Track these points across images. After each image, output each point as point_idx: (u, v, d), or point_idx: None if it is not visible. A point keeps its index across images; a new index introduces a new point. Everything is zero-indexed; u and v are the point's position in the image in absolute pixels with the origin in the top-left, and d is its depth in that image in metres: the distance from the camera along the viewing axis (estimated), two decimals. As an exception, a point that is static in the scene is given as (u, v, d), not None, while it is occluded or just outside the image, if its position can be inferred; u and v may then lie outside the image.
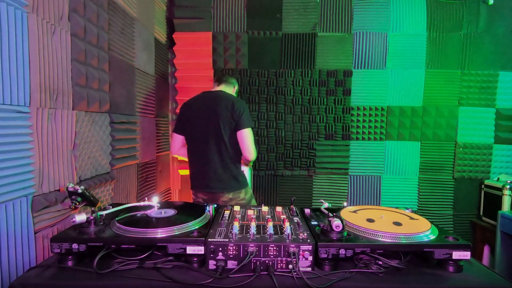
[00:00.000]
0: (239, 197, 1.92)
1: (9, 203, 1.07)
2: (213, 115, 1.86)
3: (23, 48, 1.12)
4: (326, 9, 2.75)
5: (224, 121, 1.84)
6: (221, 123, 1.84)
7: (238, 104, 1.86)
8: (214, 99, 1.90)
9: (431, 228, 1.06)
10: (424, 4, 2.72)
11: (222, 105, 1.86)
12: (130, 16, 2.04)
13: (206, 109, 1.89)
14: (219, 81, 2.05)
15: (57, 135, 1.30)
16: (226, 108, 1.84)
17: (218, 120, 1.84)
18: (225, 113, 1.84)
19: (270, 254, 0.94)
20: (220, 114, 1.84)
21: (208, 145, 1.88)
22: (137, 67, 2.16)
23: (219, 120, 1.84)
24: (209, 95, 1.96)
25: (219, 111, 1.85)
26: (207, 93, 1.98)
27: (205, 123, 1.88)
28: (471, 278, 0.95)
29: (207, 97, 1.95)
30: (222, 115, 1.84)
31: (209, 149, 1.88)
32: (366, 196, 2.84)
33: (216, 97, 1.92)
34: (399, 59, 2.75)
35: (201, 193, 1.95)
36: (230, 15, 2.76)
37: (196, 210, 1.19)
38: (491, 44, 2.72)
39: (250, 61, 2.79)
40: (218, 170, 1.88)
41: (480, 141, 2.77)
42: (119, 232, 1.01)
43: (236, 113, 1.83)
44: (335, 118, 2.80)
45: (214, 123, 1.85)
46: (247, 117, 1.86)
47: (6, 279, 1.05)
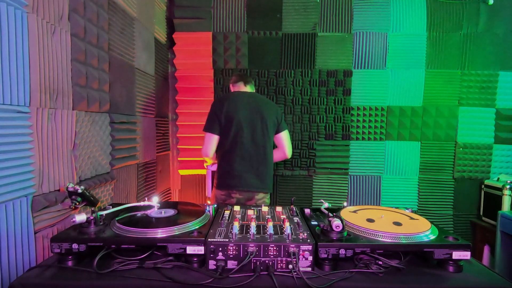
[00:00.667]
0: (266, 197, 2.02)
1: (9, 203, 1.07)
2: (261, 118, 1.95)
3: (23, 48, 1.12)
4: (326, 9, 2.75)
5: (271, 124, 1.97)
6: (269, 125, 1.96)
7: (280, 110, 2.08)
8: (260, 103, 2.00)
9: (431, 228, 1.06)
10: (424, 4, 2.72)
11: (270, 110, 1.99)
12: (130, 16, 2.04)
13: (252, 110, 1.95)
14: (245, 81, 2.10)
15: (57, 135, 1.30)
16: (272, 112, 1.99)
17: (266, 123, 1.95)
18: (273, 118, 1.98)
19: (270, 254, 0.94)
20: (267, 117, 1.96)
21: (254, 146, 1.94)
22: (137, 67, 2.16)
23: (268, 122, 1.95)
24: (250, 97, 2.01)
25: (267, 114, 1.96)
26: (245, 94, 2.02)
27: (253, 125, 1.94)
28: (471, 278, 0.95)
29: (249, 99, 1.99)
30: (269, 118, 1.96)
31: (254, 151, 1.94)
32: (366, 196, 2.84)
33: (261, 100, 2.03)
34: (399, 59, 2.75)
35: (237, 192, 1.93)
36: (230, 15, 2.76)
37: (196, 210, 1.20)
38: (491, 44, 2.72)
39: (250, 61, 2.79)
40: (260, 170, 1.95)
41: (480, 141, 2.77)
42: (119, 232, 1.01)
43: (279, 117, 2.03)
44: (335, 118, 2.80)
45: (263, 125, 1.95)
46: (284, 120, 2.11)
47: (6, 279, 1.05)
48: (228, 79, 2.78)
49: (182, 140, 2.85)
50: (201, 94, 2.81)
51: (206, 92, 2.81)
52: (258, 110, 1.95)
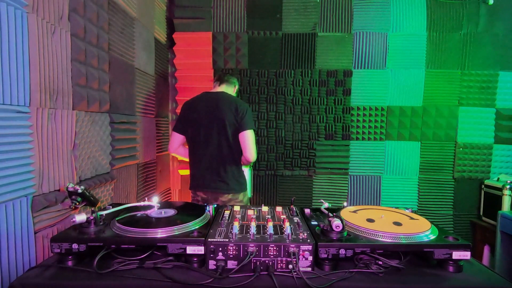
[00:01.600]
0: (237, 198, 1.95)
1: (9, 203, 1.07)
2: (217, 117, 1.87)
3: (23, 48, 1.12)
4: (326, 9, 2.75)
5: (228, 122, 1.87)
6: (225, 124, 1.86)
7: (241, 106, 1.89)
8: (217, 101, 1.91)
9: (431, 228, 1.06)
10: (424, 4, 2.72)
11: (225, 106, 1.88)
12: (130, 16, 2.04)
13: (209, 110, 1.90)
14: (220, 80, 2.05)
15: (57, 135, 1.30)
16: (229, 110, 1.87)
17: (221, 122, 1.87)
18: (229, 115, 1.86)
19: (270, 254, 0.94)
20: (224, 116, 1.86)
21: (211, 146, 1.90)
22: (137, 67, 2.16)
23: (223, 121, 1.86)
24: (211, 96, 1.96)
25: (223, 112, 1.87)
26: (209, 94, 1.99)
27: (209, 124, 1.89)
28: (471, 278, 0.95)
29: (209, 98, 1.95)
30: (226, 117, 1.86)
31: (212, 150, 1.90)
32: (366, 196, 2.84)
33: (219, 98, 1.93)
34: (399, 59, 2.75)
35: (201, 192, 1.97)
36: (230, 15, 2.76)
37: (196, 210, 1.20)
38: (491, 44, 2.72)
39: (250, 61, 2.79)
40: (220, 171, 1.90)
41: (480, 141, 2.77)
42: (119, 232, 1.01)
43: (239, 115, 1.86)
44: (335, 118, 2.80)
45: (218, 124, 1.87)
46: (249, 118, 1.89)
47: (6, 279, 1.05)
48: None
49: (182, 140, 2.85)
50: (201, 94, 2.80)
51: (206, 92, 2.81)
52: (215, 110, 1.88)
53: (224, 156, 1.90)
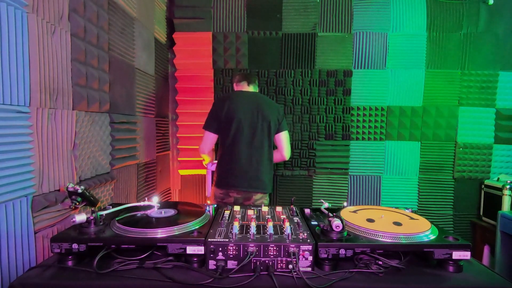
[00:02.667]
0: (266, 197, 2.01)
1: (9, 203, 1.07)
2: (263, 117, 1.94)
3: (23, 48, 1.12)
4: (326, 9, 2.75)
5: (273, 123, 1.96)
6: (270, 125, 1.94)
7: (281, 109, 2.08)
8: (260, 101, 1.98)
9: (431, 228, 1.06)
10: (424, 4, 2.72)
11: (270, 108, 1.97)
12: (130, 16, 2.04)
13: (252, 109, 1.93)
14: (249, 80, 2.08)
15: (57, 135, 1.30)
16: (273, 112, 1.97)
17: (267, 122, 1.94)
18: (274, 117, 1.96)
19: (270, 254, 0.94)
20: (270, 117, 1.95)
21: (254, 146, 1.93)
22: (137, 67, 2.16)
23: (269, 122, 1.94)
24: (250, 96, 2.01)
25: (269, 114, 1.95)
26: (246, 93, 2.02)
27: (253, 123, 1.93)
28: (471, 278, 0.95)
29: (249, 98, 1.99)
30: (271, 118, 1.95)
31: (253, 150, 1.93)
32: (366, 196, 2.84)
33: (261, 99, 2.02)
34: (399, 59, 2.75)
35: (235, 191, 1.95)
36: (230, 15, 2.76)
37: (196, 210, 1.19)
38: (491, 44, 2.72)
39: (250, 61, 2.79)
40: (259, 171, 1.94)
41: (480, 141, 2.77)
42: (119, 232, 1.01)
43: (281, 117, 2.01)
44: (335, 118, 2.80)
45: (263, 124, 1.93)
46: (285, 121, 2.06)
47: (6, 279, 1.05)
48: (228, 79, 2.78)
49: (182, 140, 2.85)
50: (201, 94, 2.81)
51: (206, 92, 2.81)
52: (259, 110, 1.94)
53: (264, 156, 1.95)
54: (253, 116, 1.93)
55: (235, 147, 1.93)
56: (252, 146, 1.93)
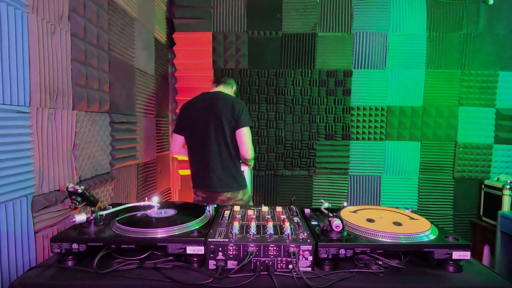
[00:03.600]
0: (237, 197, 1.95)
1: (9, 203, 1.07)
2: (214, 116, 1.88)
3: (23, 48, 1.12)
4: (326, 9, 2.75)
5: (225, 121, 1.86)
6: (222, 123, 1.87)
7: (237, 104, 1.89)
8: (214, 100, 1.92)
9: (431, 228, 1.06)
10: (424, 4, 2.72)
11: (222, 105, 1.88)
12: (130, 16, 2.04)
13: (206, 109, 1.91)
14: (218, 81, 2.06)
15: (57, 135, 1.30)
16: (226, 108, 1.87)
17: (218, 120, 1.87)
18: (226, 113, 1.86)
19: (270, 254, 0.94)
20: (220, 114, 1.87)
21: (209, 145, 1.90)
22: (137, 67, 2.16)
23: (220, 120, 1.87)
24: (208, 96, 1.97)
25: (219, 111, 1.87)
26: (206, 94, 2.00)
27: (206, 123, 1.90)
28: (471, 278, 0.95)
29: (206, 98, 1.96)
30: (222, 115, 1.86)
31: (209, 149, 1.90)
32: (366, 196, 2.84)
33: (216, 97, 1.94)
34: (399, 59, 2.75)
35: (200, 191, 1.99)
36: (230, 15, 2.76)
37: (196, 210, 1.19)
38: (491, 44, 2.72)
39: (250, 61, 2.79)
40: (218, 169, 1.91)
41: (480, 141, 2.77)
42: (119, 232, 1.01)
43: (236, 113, 1.86)
44: (335, 118, 2.80)
45: (215, 123, 1.88)
46: (246, 116, 1.89)
47: (6, 279, 1.05)
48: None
49: (182, 140, 2.85)
50: (201, 94, 2.80)
51: (206, 92, 2.81)
52: (211, 108, 1.89)
53: (222, 154, 1.90)
54: (206, 115, 1.90)
55: (194, 148, 1.97)
56: (208, 146, 1.90)
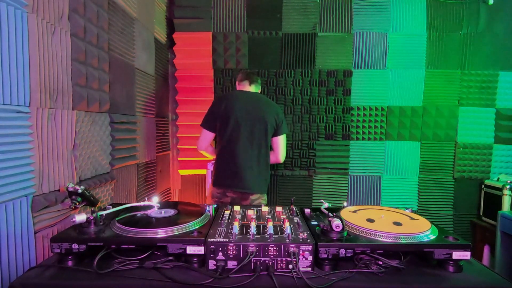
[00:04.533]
0: (263, 197, 2.00)
1: (9, 203, 1.07)
2: (260, 119, 1.92)
3: (23, 48, 1.12)
4: (326, 9, 2.75)
5: (269, 126, 1.93)
6: (267, 127, 1.93)
7: (281, 112, 2.02)
8: (259, 102, 1.97)
9: (431, 228, 1.06)
10: (424, 4, 2.72)
11: (268, 110, 1.95)
12: (130, 16, 2.04)
13: (250, 110, 1.92)
14: (250, 80, 2.06)
15: (57, 135, 1.30)
16: (271, 114, 1.95)
17: (264, 124, 1.92)
18: (271, 119, 1.94)
19: (270, 254, 0.94)
20: (266, 119, 1.92)
21: (250, 146, 1.92)
22: (137, 67, 2.16)
23: (265, 124, 1.92)
24: (250, 96, 2.00)
25: (266, 115, 1.93)
26: (245, 93, 2.01)
27: (250, 124, 1.91)
28: (471, 278, 0.95)
29: (249, 98, 1.98)
30: (268, 120, 1.93)
31: (250, 151, 1.92)
32: (366, 196, 2.84)
33: (260, 100, 2.00)
34: (399, 59, 2.75)
35: (231, 191, 1.95)
36: (230, 15, 2.76)
37: (196, 210, 1.19)
38: (491, 44, 2.72)
39: (250, 61, 2.79)
40: (255, 171, 1.93)
41: (480, 141, 2.77)
42: (119, 232, 1.01)
43: (279, 120, 1.97)
44: (335, 118, 2.80)
45: (260, 126, 1.92)
46: (285, 124, 2.04)
47: (6, 279, 1.05)
48: (228, 79, 2.79)
49: (182, 140, 2.85)
50: (201, 94, 2.81)
51: (206, 92, 2.81)
52: (257, 111, 1.93)
53: (260, 157, 1.94)
54: (251, 116, 1.91)
55: (232, 147, 1.93)
56: (248, 147, 1.91)
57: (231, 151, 1.93)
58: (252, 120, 1.92)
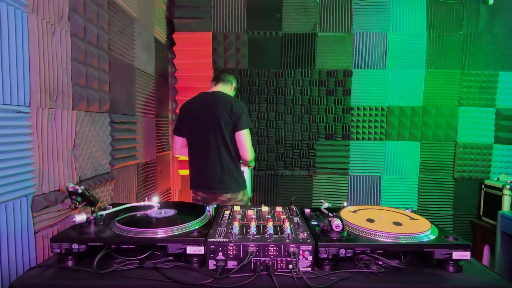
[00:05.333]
0: (237, 198, 1.95)
1: (9, 203, 1.07)
2: (213, 117, 1.87)
3: (23, 48, 1.12)
4: (326, 9, 2.75)
5: (224, 122, 1.85)
6: (221, 124, 1.86)
7: (236, 105, 1.87)
8: (213, 101, 1.91)
9: (431, 228, 1.06)
10: (424, 4, 2.72)
11: (220, 106, 1.86)
12: (130, 16, 2.04)
13: (205, 110, 1.90)
14: (216, 80, 2.03)
15: (57, 135, 1.30)
16: (224, 109, 1.85)
17: (217, 122, 1.86)
18: (224, 115, 1.85)
19: (270, 254, 0.94)
20: (219, 115, 1.85)
21: (209, 146, 1.90)
22: (137, 67, 2.16)
23: (219, 121, 1.86)
24: (207, 96, 1.96)
25: (218, 112, 1.86)
26: (205, 94, 1.99)
27: (205, 124, 1.89)
28: (471, 278, 0.95)
29: (205, 98, 1.95)
30: (221, 116, 1.85)
31: (209, 150, 1.90)
32: (366, 196, 2.84)
33: (215, 98, 1.92)
34: (399, 59, 2.75)
35: (200, 191, 1.99)
36: (230, 15, 2.76)
37: (196, 210, 1.19)
38: (491, 44, 2.72)
39: (250, 61, 2.79)
40: (218, 171, 1.90)
41: (480, 141, 2.77)
42: (119, 232, 1.01)
43: (235, 115, 1.84)
44: (335, 118, 2.80)
45: (214, 124, 1.87)
46: (245, 118, 1.87)
47: (6, 279, 1.05)
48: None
49: (182, 140, 2.85)
50: (201, 94, 2.80)
51: (206, 92, 2.81)
52: (210, 110, 1.87)
53: (221, 156, 1.90)
54: (205, 117, 1.88)
55: (193, 149, 1.97)
56: (207, 147, 1.90)
57: (194, 153, 1.98)
58: (206, 119, 1.88)
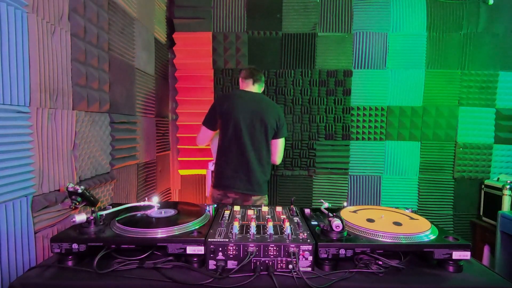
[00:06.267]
0: (264, 199, 2.00)
1: (9, 203, 1.07)
2: (261, 121, 1.91)
3: (23, 48, 1.12)
4: (326, 9, 2.75)
5: (270, 128, 1.93)
6: (267, 129, 1.92)
7: (282, 115, 2.01)
8: (261, 103, 1.96)
9: (431, 228, 1.06)
10: (424, 4, 2.72)
11: (270, 112, 1.94)
12: (130, 16, 2.04)
13: (252, 111, 1.91)
14: (253, 79, 2.02)
15: (57, 135, 1.30)
16: (273, 116, 1.94)
17: (265, 126, 1.92)
18: (272, 121, 1.93)
19: (270, 254, 0.94)
20: (267, 121, 1.92)
21: (251, 148, 1.91)
22: (137, 67, 2.16)
23: (266, 126, 1.92)
24: (252, 96, 1.98)
25: (267, 118, 1.92)
26: (248, 93, 1.99)
27: (252, 125, 1.90)
28: (471, 278, 0.95)
29: (251, 98, 1.96)
30: (269, 122, 1.92)
31: (250, 152, 1.91)
32: (366, 196, 2.84)
33: (263, 101, 1.98)
34: (399, 59, 2.75)
35: (232, 192, 1.95)
36: (230, 15, 2.76)
37: (196, 210, 1.19)
38: (491, 44, 2.72)
39: (250, 61, 2.79)
40: (257, 173, 1.93)
41: (480, 141, 2.77)
42: (119, 232, 1.01)
43: (280, 123, 1.97)
44: (335, 118, 2.80)
45: (261, 128, 1.91)
46: (285, 127, 2.04)
47: (6, 279, 1.05)
48: (228, 79, 2.79)
49: (182, 140, 2.85)
50: (201, 94, 2.81)
51: (206, 92, 2.81)
52: (258, 112, 1.91)
53: (261, 159, 1.94)
54: (252, 118, 1.91)
55: (232, 148, 1.92)
56: (249, 148, 1.91)
57: (231, 153, 1.92)
58: (253, 121, 1.91)
